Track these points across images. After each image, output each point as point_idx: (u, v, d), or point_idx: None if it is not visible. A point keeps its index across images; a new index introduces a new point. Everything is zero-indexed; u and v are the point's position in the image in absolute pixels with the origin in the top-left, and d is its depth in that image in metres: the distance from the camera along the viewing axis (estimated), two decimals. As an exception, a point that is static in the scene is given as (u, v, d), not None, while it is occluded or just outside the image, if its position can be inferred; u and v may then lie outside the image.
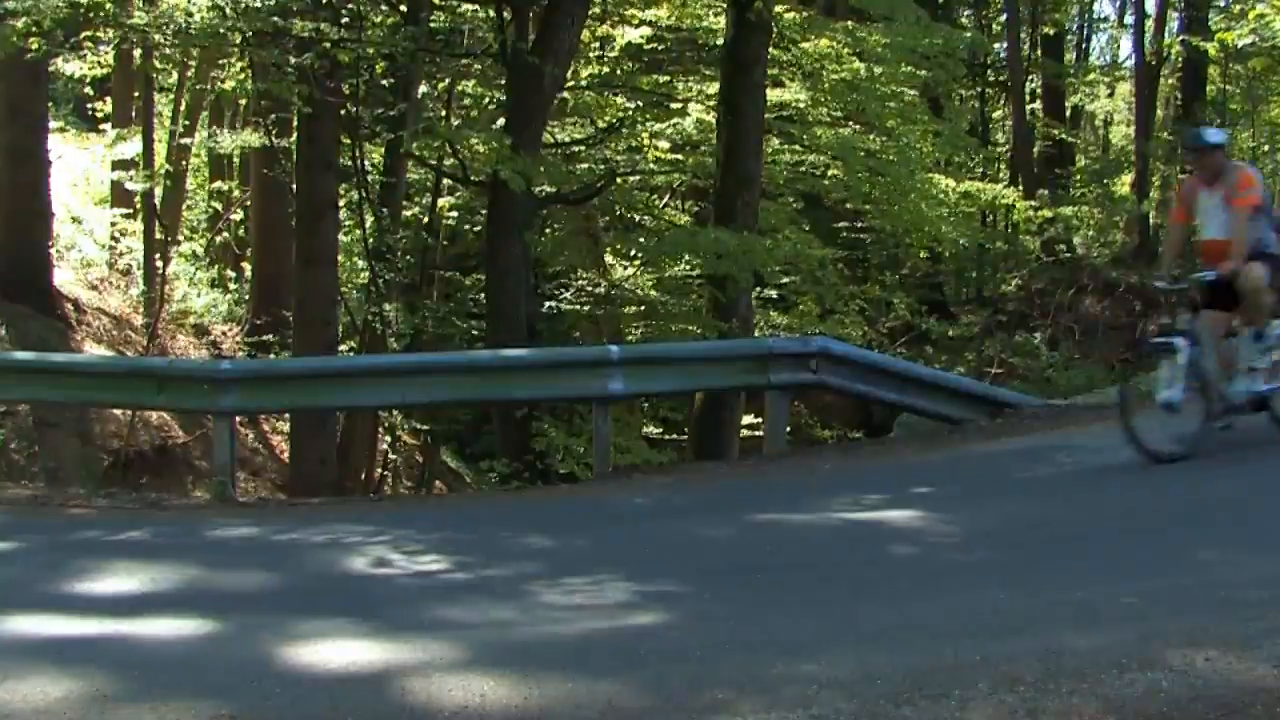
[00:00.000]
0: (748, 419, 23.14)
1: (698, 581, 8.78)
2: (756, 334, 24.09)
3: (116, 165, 32.09)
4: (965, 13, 44.13)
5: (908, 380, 16.15)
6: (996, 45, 42.49)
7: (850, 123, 25.30)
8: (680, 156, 25.08)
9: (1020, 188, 34.78)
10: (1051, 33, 44.65)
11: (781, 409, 16.16)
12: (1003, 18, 42.66)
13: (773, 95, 23.14)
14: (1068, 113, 46.19)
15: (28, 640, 7.78)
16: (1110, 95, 49.82)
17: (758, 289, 24.17)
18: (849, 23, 24.84)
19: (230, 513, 13.45)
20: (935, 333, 31.99)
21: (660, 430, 26.26)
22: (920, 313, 31.82)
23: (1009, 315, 34.47)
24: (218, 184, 37.53)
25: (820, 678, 6.55)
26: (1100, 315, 33.64)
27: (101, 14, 19.88)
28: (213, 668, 7.09)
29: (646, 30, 24.45)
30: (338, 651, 7.29)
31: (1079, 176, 43.69)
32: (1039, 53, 43.83)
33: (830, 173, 25.37)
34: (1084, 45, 52.65)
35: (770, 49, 22.31)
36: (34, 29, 19.08)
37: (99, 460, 21.86)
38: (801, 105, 24.20)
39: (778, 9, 21.93)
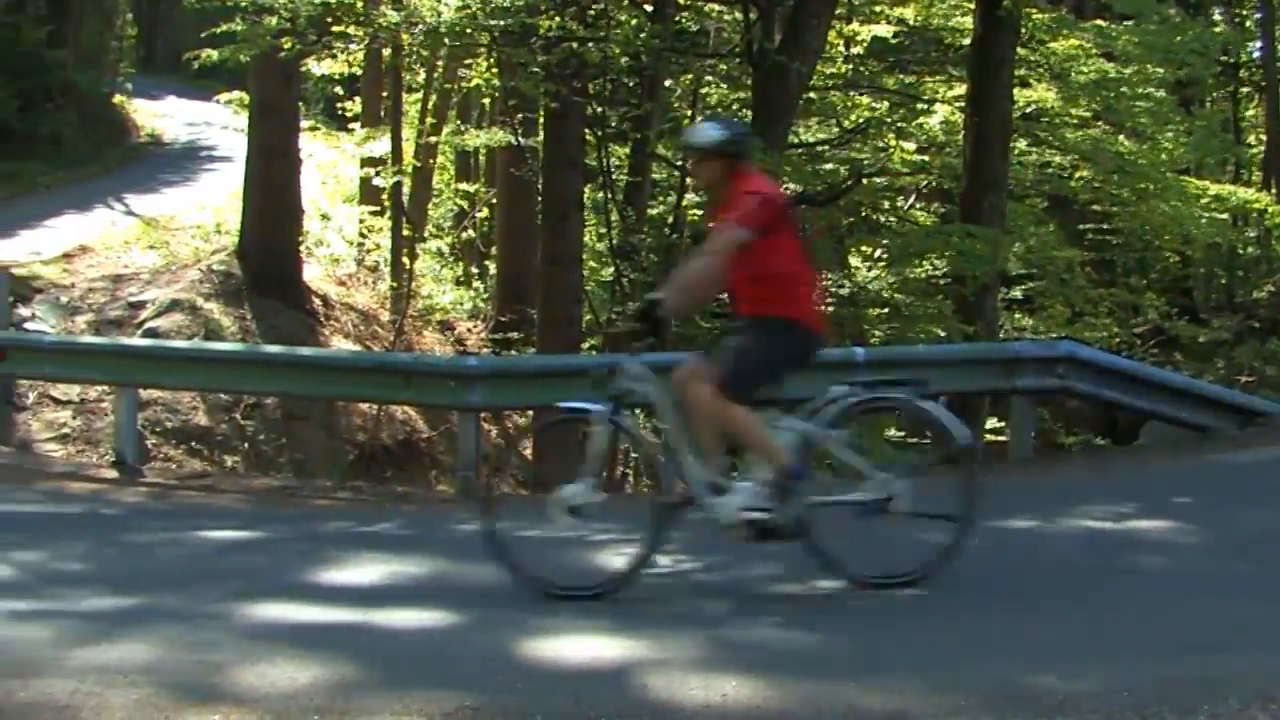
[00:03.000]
0: (991, 423, 22.85)
1: (944, 587, 8.67)
2: (1001, 337, 23.80)
3: (365, 163, 32.63)
4: (1218, 10, 43.12)
5: (1158, 387, 15.81)
6: (1250, 44, 41.46)
7: (1099, 123, 24.88)
8: (926, 157, 24.84)
9: (1274, 191, 33.98)
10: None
11: (1026, 414, 15.94)
12: (1257, 16, 41.62)
13: (1020, 95, 22.83)
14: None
15: (277, 627, 7.90)
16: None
17: (1003, 291, 23.88)
18: (1099, 21, 24.44)
19: (474, 508, 13.56)
20: (1184, 338, 31.38)
21: (902, 433, 26.04)
22: (1169, 317, 31.24)
23: (1261, 322, 33.65)
24: (464, 183, 37.97)
25: (1065, 688, 6.44)
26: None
27: (351, 13, 20.19)
28: (454, 659, 7.14)
29: (892, 27, 24.30)
30: (579, 646, 7.31)
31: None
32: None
33: (1078, 174, 24.97)
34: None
35: (1017, 49, 22.01)
36: (286, 28, 19.45)
37: (345, 453, 22.23)
38: (1050, 106, 23.85)
39: (1026, 8, 21.62)
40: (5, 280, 22.44)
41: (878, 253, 26.54)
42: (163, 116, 58.11)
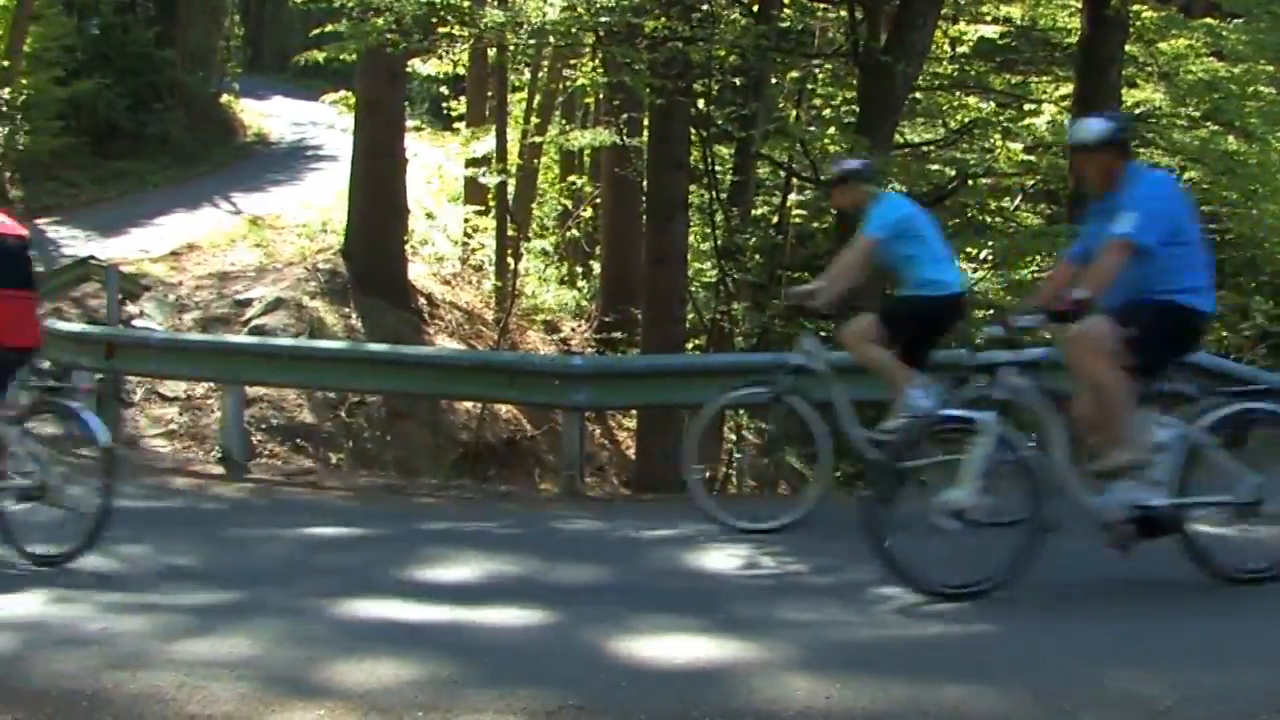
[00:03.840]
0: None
1: (1047, 590, 8.59)
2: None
3: (469, 162, 32.72)
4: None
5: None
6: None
7: (1207, 123, 24.62)
8: (1033, 158, 24.67)
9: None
10: None
11: (1138, 417, 15.77)
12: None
13: (1127, 95, 22.63)
14: None
15: (381, 623, 7.92)
16: None
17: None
18: (1208, 20, 24.18)
19: (577, 506, 13.57)
20: (1294, 341, 31.01)
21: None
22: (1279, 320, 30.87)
23: (1375, 326, 33.16)
24: (570, 179, 38.00)
25: (1174, 693, 6.34)
26: None
27: (457, 13, 20.26)
28: (558, 658, 7.13)
29: (999, 26, 24.15)
30: (683, 647, 7.28)
31: None
32: None
33: (1187, 175, 24.72)
34: None
35: (1125, 48, 21.81)
36: (393, 28, 19.55)
37: (449, 452, 22.31)
38: (1158, 106, 23.62)
39: (1134, 6, 21.41)
40: (114, 277, 22.66)
41: (984, 254, 26.35)
42: (269, 116, 58.57)
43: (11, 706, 6.22)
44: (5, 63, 39.13)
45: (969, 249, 26.72)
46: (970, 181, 23.59)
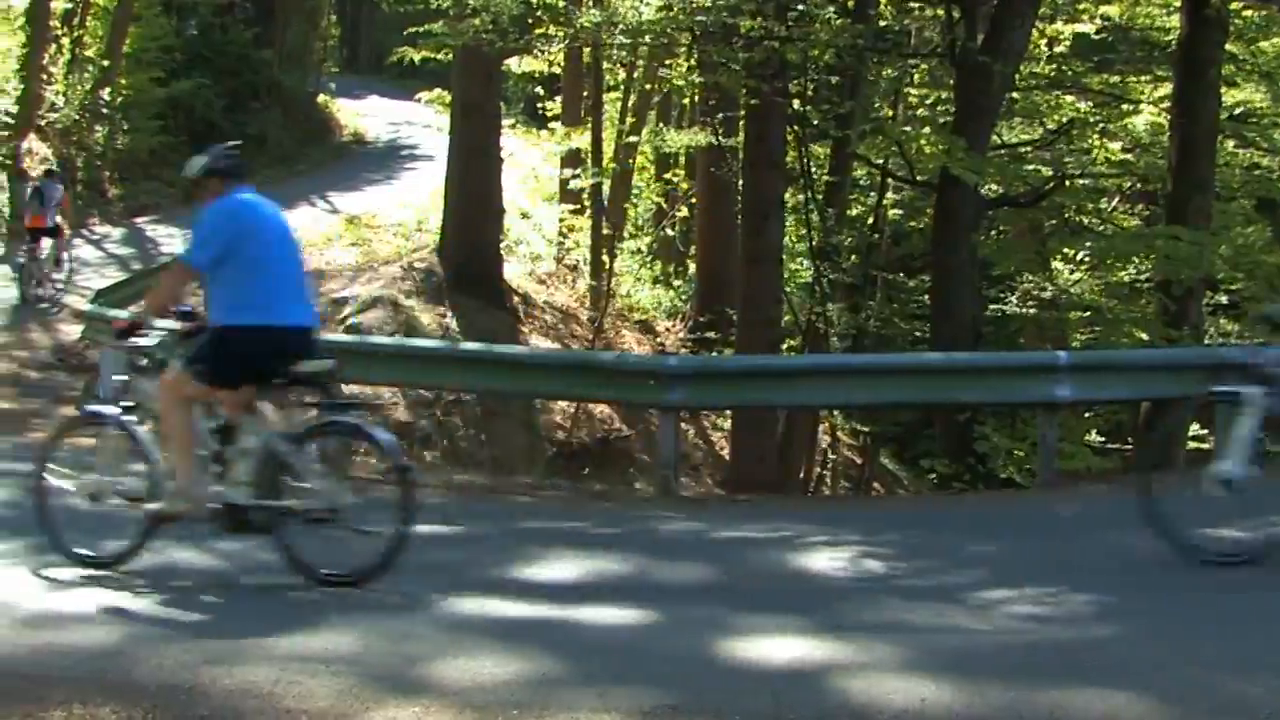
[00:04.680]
0: (1194, 429, 22.47)
1: (1143, 595, 8.52)
2: (1207, 342, 23.38)
3: (565, 162, 32.78)
4: None
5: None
6: None
7: (1309, 123, 24.43)
8: (1130, 158, 24.49)
9: None
10: None
11: (1232, 422, 15.62)
12: None
13: (1227, 95, 22.43)
14: None
15: (477, 621, 7.93)
16: None
17: (1209, 295, 23.48)
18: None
19: (672, 506, 13.56)
20: (1403, 345, 30.63)
21: (1102, 439, 25.67)
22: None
23: None
24: (665, 179, 38.01)
25: (1272, 700, 6.28)
26: None
27: (553, 13, 20.31)
28: (654, 657, 7.12)
29: (1096, 23, 23.98)
30: (778, 647, 7.25)
31: None
32: None
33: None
34: None
35: (1225, 48, 21.60)
36: (489, 28, 19.62)
37: (543, 450, 22.36)
38: (1258, 106, 23.41)
39: (1234, 5, 21.22)
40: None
41: (1080, 255, 26.18)
42: (365, 116, 58.89)
43: (111, 699, 6.27)
44: (105, 63, 39.59)
45: (1066, 249, 26.56)
46: (1067, 182, 23.39)
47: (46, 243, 26.49)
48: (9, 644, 7.22)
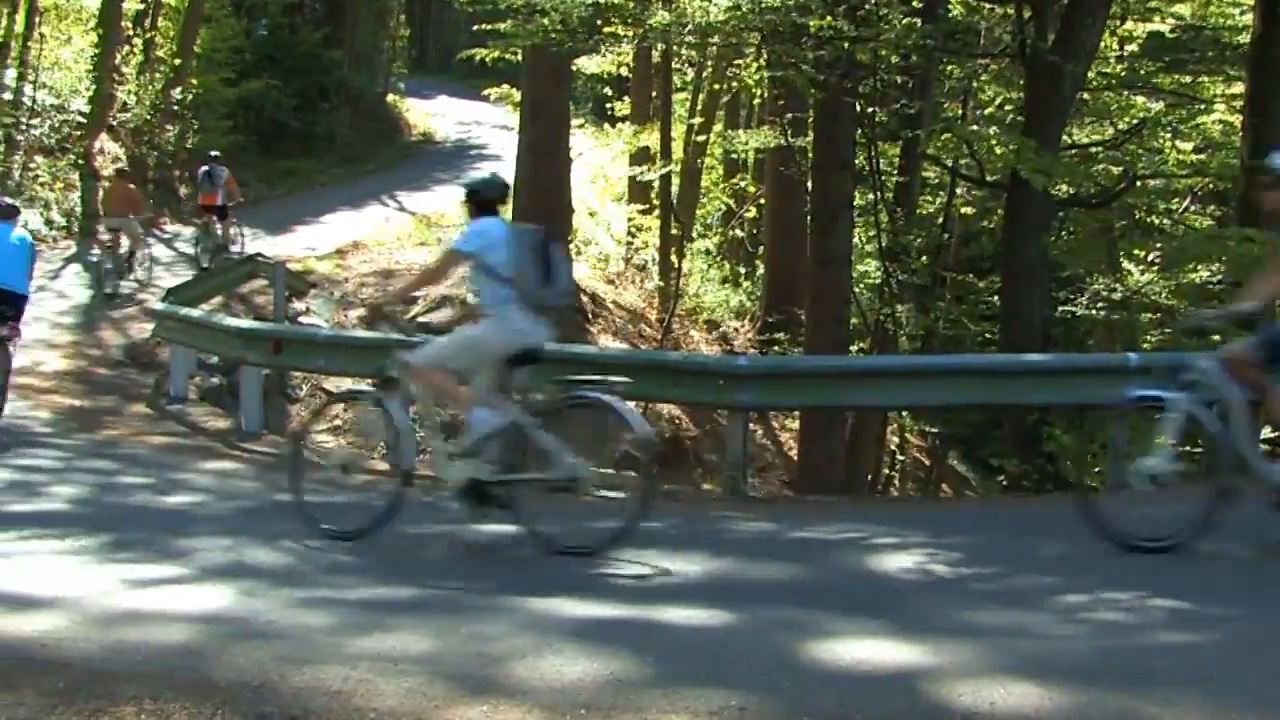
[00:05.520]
0: (1267, 432, 22.29)
1: (1215, 600, 8.45)
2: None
3: (633, 162, 32.85)
4: None
5: None
6: None
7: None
8: (1202, 158, 24.33)
9: None
10: None
11: (1307, 422, 15.51)
12: None
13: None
14: None
15: (546, 621, 7.92)
16: None
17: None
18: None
19: (742, 507, 13.55)
20: None
21: (1173, 441, 25.46)
22: None
23: None
24: (734, 179, 38.02)
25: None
26: None
27: (622, 13, 20.32)
28: (723, 658, 7.09)
29: (1168, 23, 23.83)
30: (847, 648, 7.23)
31: None
32: None
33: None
34: None
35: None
36: (558, 27, 19.65)
37: (611, 450, 22.38)
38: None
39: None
40: (282, 274, 22.97)
41: (1151, 256, 26.05)
42: (434, 115, 59.06)
43: (180, 696, 6.30)
44: (177, 63, 39.85)
45: (1136, 251, 26.42)
46: (1138, 183, 23.27)
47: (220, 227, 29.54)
48: (80, 640, 7.26)
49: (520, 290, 10.03)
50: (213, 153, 31.09)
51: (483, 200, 10.67)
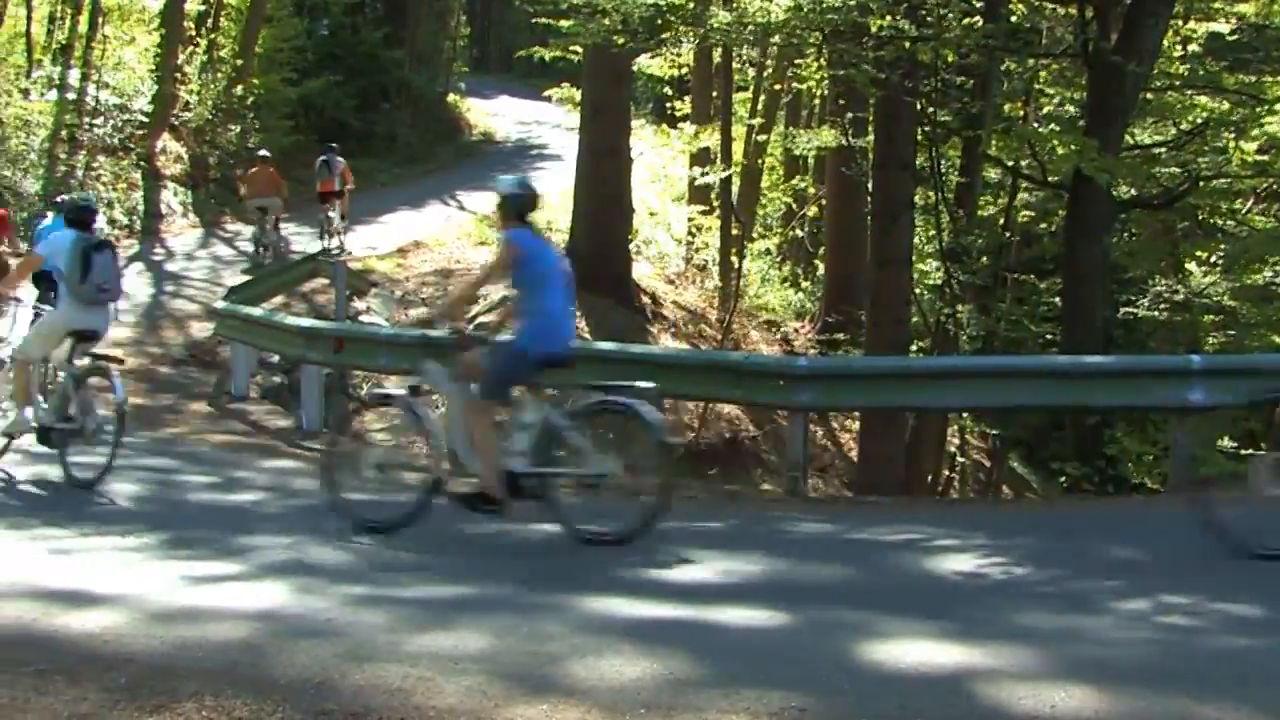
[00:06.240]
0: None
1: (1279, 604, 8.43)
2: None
3: (694, 162, 32.87)
4: None
5: None
6: None
7: None
8: (1266, 159, 24.16)
9: None
10: None
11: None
12: None
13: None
14: None
15: (606, 620, 7.93)
16: None
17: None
18: None
19: (801, 508, 13.55)
20: None
21: (1234, 445, 25.35)
22: None
23: None
24: (794, 180, 38.02)
25: None
26: None
27: (682, 14, 20.31)
28: (783, 659, 7.09)
29: (1231, 23, 23.69)
30: (907, 651, 7.21)
31: None
32: None
33: None
34: None
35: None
36: (619, 27, 19.66)
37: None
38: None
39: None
40: (343, 274, 23.05)
41: (1214, 258, 25.89)
42: (494, 115, 59.19)
43: (242, 693, 6.34)
44: (238, 63, 40.06)
45: (1199, 252, 26.27)
46: (1201, 184, 23.12)
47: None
48: (142, 637, 7.31)
49: None
50: (330, 144, 32.81)
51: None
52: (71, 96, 35.40)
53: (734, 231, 30.86)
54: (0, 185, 29.68)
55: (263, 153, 32.52)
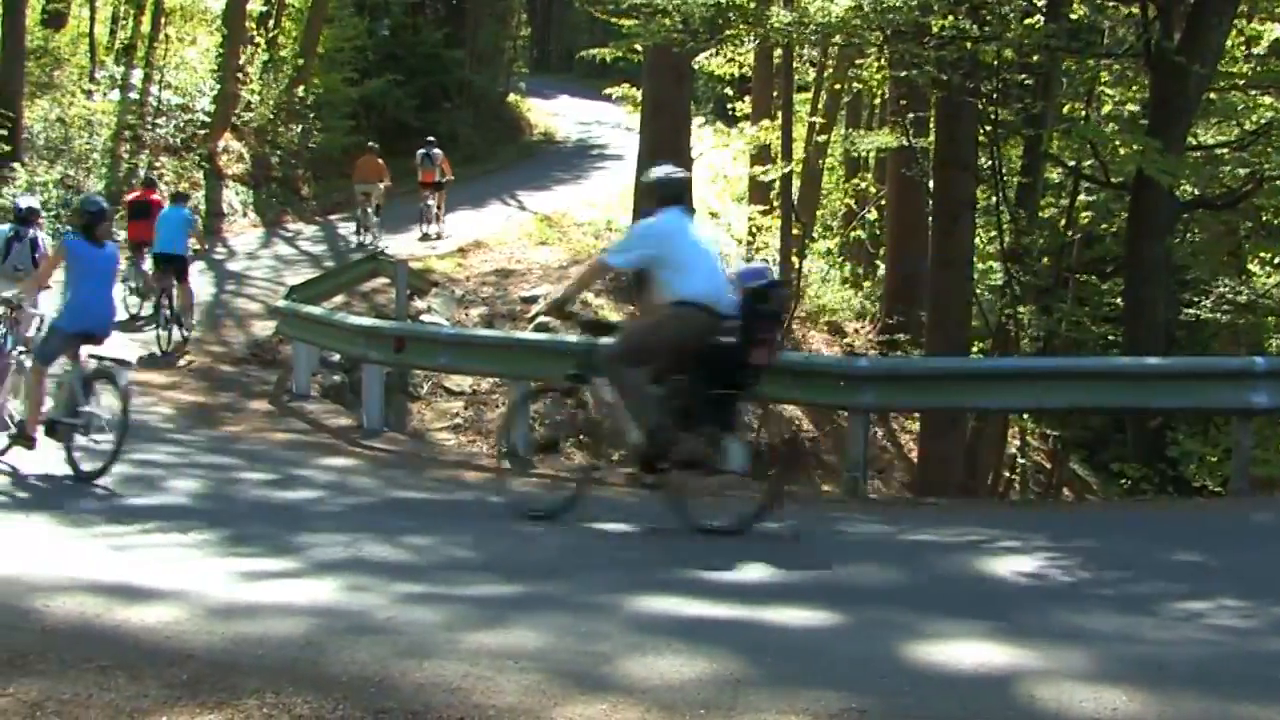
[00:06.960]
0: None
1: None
2: None
3: (754, 162, 32.88)
4: None
5: None
6: None
7: None
8: (1332, 160, 23.97)
9: None
10: None
11: None
12: None
13: None
14: None
15: (664, 619, 7.93)
16: None
17: None
18: None
19: (861, 508, 13.53)
20: None
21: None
22: None
23: None
24: (854, 180, 37.99)
25: None
26: None
27: (743, 14, 20.30)
28: (841, 660, 7.07)
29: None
30: (966, 652, 7.18)
31: None
32: None
33: None
34: None
35: None
36: (680, 27, 19.66)
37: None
38: None
39: None
40: (404, 273, 23.10)
41: (1278, 259, 25.70)
42: (555, 115, 59.30)
43: (302, 690, 6.35)
44: (300, 62, 40.25)
45: (1263, 253, 26.08)
46: (1265, 184, 22.94)
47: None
48: (203, 633, 7.33)
49: None
50: (429, 138, 35.24)
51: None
52: (134, 96, 35.66)
53: (794, 232, 30.82)
54: (64, 184, 29.87)
55: (371, 144, 34.43)
